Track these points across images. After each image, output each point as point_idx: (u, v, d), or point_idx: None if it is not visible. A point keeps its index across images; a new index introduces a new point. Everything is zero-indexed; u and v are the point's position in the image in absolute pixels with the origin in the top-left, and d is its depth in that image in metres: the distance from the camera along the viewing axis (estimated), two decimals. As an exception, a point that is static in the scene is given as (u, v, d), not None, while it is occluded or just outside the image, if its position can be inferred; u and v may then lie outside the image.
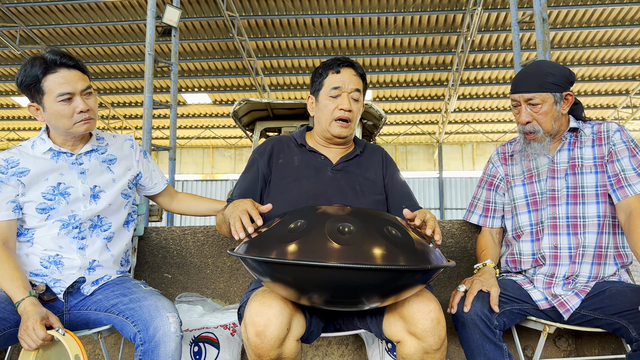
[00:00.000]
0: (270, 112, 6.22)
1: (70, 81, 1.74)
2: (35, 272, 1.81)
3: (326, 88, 1.87)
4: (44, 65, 1.71)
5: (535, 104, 1.90)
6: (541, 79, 1.89)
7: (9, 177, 1.78)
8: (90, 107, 1.79)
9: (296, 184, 1.86)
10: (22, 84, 1.74)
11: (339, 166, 1.93)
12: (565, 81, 1.91)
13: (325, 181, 1.88)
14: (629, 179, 1.86)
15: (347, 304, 1.42)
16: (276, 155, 1.94)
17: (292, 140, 2.01)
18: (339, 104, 1.84)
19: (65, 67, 1.74)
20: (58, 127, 1.81)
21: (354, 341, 2.57)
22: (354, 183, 1.90)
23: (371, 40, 12.32)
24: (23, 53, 12.26)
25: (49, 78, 1.72)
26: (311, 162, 1.93)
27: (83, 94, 1.77)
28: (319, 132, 1.96)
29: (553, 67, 1.93)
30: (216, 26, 11.71)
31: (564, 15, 11.07)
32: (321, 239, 1.31)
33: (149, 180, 2.14)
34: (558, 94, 1.90)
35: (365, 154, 2.01)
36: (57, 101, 1.73)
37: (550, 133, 1.96)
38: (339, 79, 1.85)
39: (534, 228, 2.01)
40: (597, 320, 1.80)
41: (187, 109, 16.76)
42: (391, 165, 2.02)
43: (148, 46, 6.78)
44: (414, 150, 20.23)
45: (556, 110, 1.92)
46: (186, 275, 2.68)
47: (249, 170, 1.95)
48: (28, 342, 1.51)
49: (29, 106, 1.80)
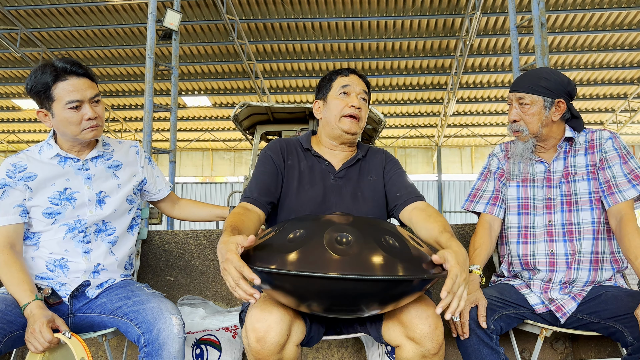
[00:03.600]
0: (270, 116, 6.25)
1: (79, 89, 1.78)
2: (41, 276, 1.84)
3: (335, 89, 1.92)
4: (54, 72, 1.75)
5: (525, 104, 1.96)
6: (534, 82, 1.95)
7: (16, 182, 1.81)
8: (98, 114, 1.84)
9: (299, 190, 1.88)
10: (32, 90, 1.78)
11: (341, 173, 1.93)
12: (560, 88, 1.94)
13: (327, 188, 1.89)
14: (620, 185, 1.89)
15: (346, 312, 1.45)
16: (286, 156, 1.94)
17: (298, 144, 2.00)
18: (348, 101, 1.88)
19: (75, 75, 1.78)
20: (66, 134, 1.84)
21: (353, 344, 2.59)
22: (355, 190, 1.91)
23: (370, 43, 12.34)
24: (24, 56, 12.28)
25: (59, 85, 1.76)
26: (315, 169, 1.93)
27: (91, 101, 1.81)
28: (327, 133, 1.95)
29: (550, 73, 1.97)
30: (216, 29, 11.74)
31: (562, 20, 11.10)
32: (319, 249, 1.33)
33: (153, 187, 2.17)
34: (549, 99, 1.94)
35: (367, 157, 2.01)
36: (66, 108, 1.77)
37: (535, 136, 1.99)
38: (348, 80, 1.92)
39: (522, 231, 2.04)
40: (593, 324, 1.83)
41: (187, 111, 16.77)
42: (391, 162, 2.01)
43: (148, 49, 6.81)
44: (412, 154, 20.24)
45: (544, 115, 1.95)
46: (188, 278, 2.71)
47: (266, 164, 1.91)
48: (35, 344, 1.54)
49: (38, 112, 1.83)
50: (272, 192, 1.85)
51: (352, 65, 13.34)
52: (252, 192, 1.81)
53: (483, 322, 1.74)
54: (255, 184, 1.85)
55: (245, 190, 1.88)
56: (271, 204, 1.84)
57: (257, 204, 1.78)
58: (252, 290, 1.30)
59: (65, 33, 11.94)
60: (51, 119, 1.82)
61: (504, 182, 2.15)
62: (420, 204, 1.82)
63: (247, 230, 1.58)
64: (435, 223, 1.64)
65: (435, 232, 1.61)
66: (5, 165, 1.84)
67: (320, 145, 2.00)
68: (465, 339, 1.77)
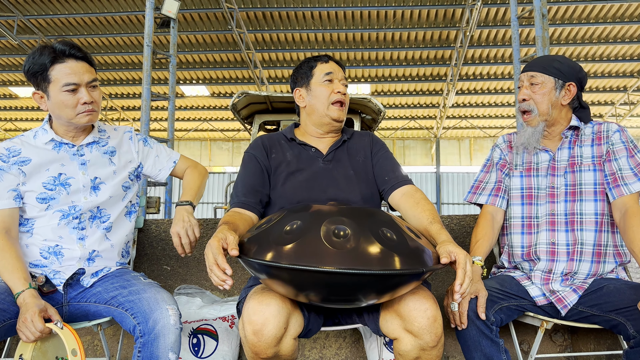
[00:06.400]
0: (269, 105, 6.21)
1: (77, 72, 1.76)
2: (34, 263, 1.82)
3: (318, 76, 1.92)
4: (52, 54, 1.73)
5: (536, 83, 1.98)
6: (547, 63, 1.98)
7: (10, 166, 1.79)
8: (95, 99, 1.81)
9: (290, 178, 1.87)
10: (29, 71, 1.76)
11: (330, 156, 1.94)
12: (571, 72, 1.97)
13: (318, 173, 1.89)
14: (626, 178, 1.87)
15: (344, 302, 1.44)
16: (269, 151, 1.95)
17: (281, 137, 2.01)
18: (334, 88, 1.90)
19: (73, 58, 1.76)
20: (61, 117, 1.82)
21: (351, 334, 2.58)
22: (346, 170, 1.91)
23: (370, 34, 12.29)
24: (20, 43, 12.20)
25: (56, 67, 1.74)
26: (302, 155, 1.93)
27: (88, 86, 1.79)
28: (313, 121, 1.95)
29: (563, 58, 2.01)
30: (215, 18, 11.66)
31: (563, 11, 11.06)
32: (316, 242, 1.33)
33: (152, 169, 2.10)
34: (560, 81, 1.96)
35: (353, 139, 2.02)
36: (63, 91, 1.74)
37: (544, 118, 1.98)
38: (329, 67, 1.93)
39: (525, 221, 2.03)
40: (594, 316, 1.82)
41: (185, 101, 16.71)
42: (378, 144, 2.02)
43: (146, 37, 6.76)
44: (411, 145, 20.24)
45: (555, 96, 1.96)
46: (185, 267, 2.69)
47: (248, 165, 1.92)
48: (26, 334, 1.52)
49: (34, 94, 1.81)
50: (259, 191, 1.86)
51: (352, 56, 13.31)
52: (239, 197, 1.83)
53: (482, 313, 1.73)
54: (242, 186, 1.86)
55: (232, 195, 1.88)
56: (261, 202, 1.86)
57: (246, 207, 1.81)
58: (224, 277, 1.33)
59: (62, 20, 11.86)
60: (47, 101, 1.79)
61: (506, 173, 2.13)
62: (408, 188, 1.83)
63: (243, 228, 1.62)
64: (425, 212, 1.66)
65: (425, 222, 1.62)
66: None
67: (305, 134, 2.01)
68: (465, 330, 1.76)
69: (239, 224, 1.61)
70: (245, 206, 1.80)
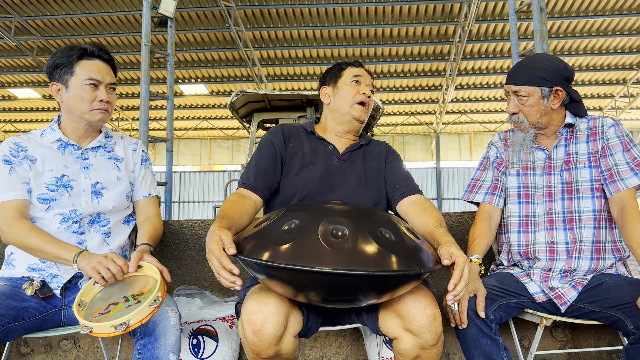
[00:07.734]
0: (267, 104, 6.19)
1: (101, 71, 1.86)
2: (32, 267, 1.81)
3: (346, 77, 1.98)
4: (82, 51, 1.85)
5: (522, 96, 1.94)
6: (529, 73, 1.91)
7: (20, 160, 1.82)
8: (111, 100, 1.89)
9: (303, 169, 1.89)
10: (55, 62, 1.84)
11: (345, 156, 1.97)
12: (557, 76, 1.91)
13: (331, 169, 1.91)
14: (622, 172, 1.86)
15: (343, 302, 1.44)
16: (287, 139, 1.97)
17: (301, 129, 2.04)
18: (359, 89, 1.96)
19: (100, 59, 1.88)
20: (74, 111, 1.86)
21: (351, 333, 2.58)
22: (359, 172, 1.93)
23: (368, 30, 12.26)
24: (18, 44, 12.18)
25: (82, 62, 1.84)
26: (319, 150, 1.96)
27: (108, 87, 1.88)
28: (335, 118, 2.00)
29: (546, 61, 1.92)
30: (212, 16, 11.63)
31: (561, 5, 11.02)
32: (314, 241, 1.32)
33: (133, 186, 2.05)
34: (547, 89, 1.91)
35: (370, 145, 2.07)
36: (84, 84, 1.83)
37: (535, 126, 1.96)
38: (359, 71, 2.00)
39: (523, 220, 2.02)
40: (594, 313, 1.81)
41: (184, 100, 16.69)
42: (393, 154, 2.06)
43: (144, 37, 6.73)
44: (411, 141, 20.22)
45: (543, 105, 1.92)
46: (184, 268, 2.68)
47: (264, 149, 1.92)
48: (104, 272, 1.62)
49: (52, 85, 1.88)
50: (270, 176, 1.86)
51: (350, 52, 13.28)
52: (249, 178, 1.83)
53: (481, 312, 1.73)
54: (254, 168, 1.86)
55: (242, 175, 1.88)
56: (269, 188, 1.86)
57: (254, 189, 1.80)
58: (233, 278, 1.34)
59: (60, 21, 11.83)
60: (64, 93, 1.85)
61: (503, 171, 2.12)
62: (417, 197, 1.85)
63: (239, 220, 1.61)
64: (432, 218, 1.67)
65: (430, 226, 1.63)
66: (7, 143, 1.85)
67: (325, 131, 2.04)
68: (464, 329, 1.75)
69: (235, 217, 1.59)
70: (252, 188, 1.80)
